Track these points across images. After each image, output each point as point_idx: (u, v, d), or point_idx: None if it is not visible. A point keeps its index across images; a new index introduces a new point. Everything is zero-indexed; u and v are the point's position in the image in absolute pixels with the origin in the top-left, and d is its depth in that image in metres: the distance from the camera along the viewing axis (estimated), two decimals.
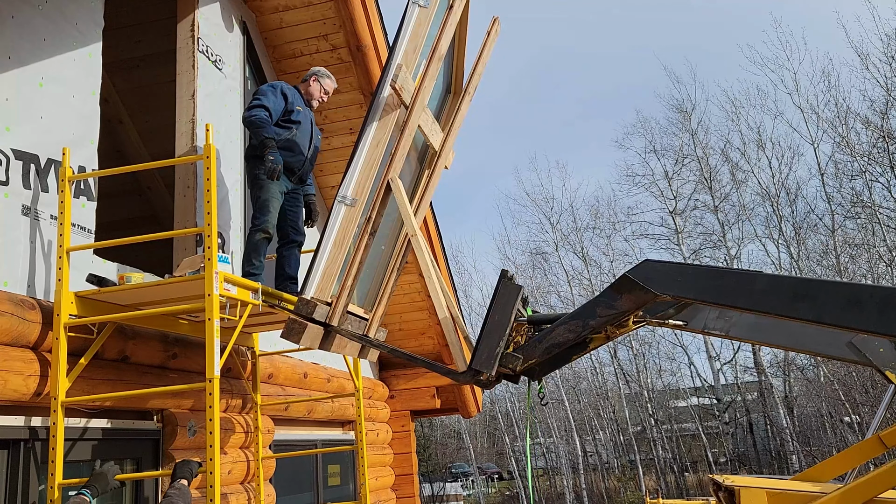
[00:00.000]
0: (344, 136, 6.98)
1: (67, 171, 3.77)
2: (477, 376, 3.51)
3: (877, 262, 20.73)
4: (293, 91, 4.95)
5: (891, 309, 2.84)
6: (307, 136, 4.93)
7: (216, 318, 3.57)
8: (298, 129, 4.84)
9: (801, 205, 24.38)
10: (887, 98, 19.87)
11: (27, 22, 3.84)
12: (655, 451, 26.33)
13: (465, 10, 4.47)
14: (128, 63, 7.05)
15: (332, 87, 5.20)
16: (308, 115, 5.01)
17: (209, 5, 5.41)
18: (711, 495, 5.19)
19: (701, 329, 3.92)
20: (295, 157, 4.83)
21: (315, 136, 5.08)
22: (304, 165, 4.92)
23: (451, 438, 37.00)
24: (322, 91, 5.13)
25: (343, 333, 3.82)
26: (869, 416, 17.23)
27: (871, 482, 3.52)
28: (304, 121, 4.93)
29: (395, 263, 4.31)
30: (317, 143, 5.12)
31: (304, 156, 4.91)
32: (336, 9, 6.16)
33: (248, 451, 5.20)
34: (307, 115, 4.99)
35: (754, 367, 24.37)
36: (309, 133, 4.96)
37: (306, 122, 4.95)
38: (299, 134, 4.85)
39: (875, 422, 4.55)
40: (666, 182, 26.52)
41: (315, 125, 5.14)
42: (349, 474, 7.35)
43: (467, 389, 9.15)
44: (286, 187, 4.84)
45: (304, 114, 4.95)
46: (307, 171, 5.02)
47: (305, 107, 5.00)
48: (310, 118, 5.04)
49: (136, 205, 8.15)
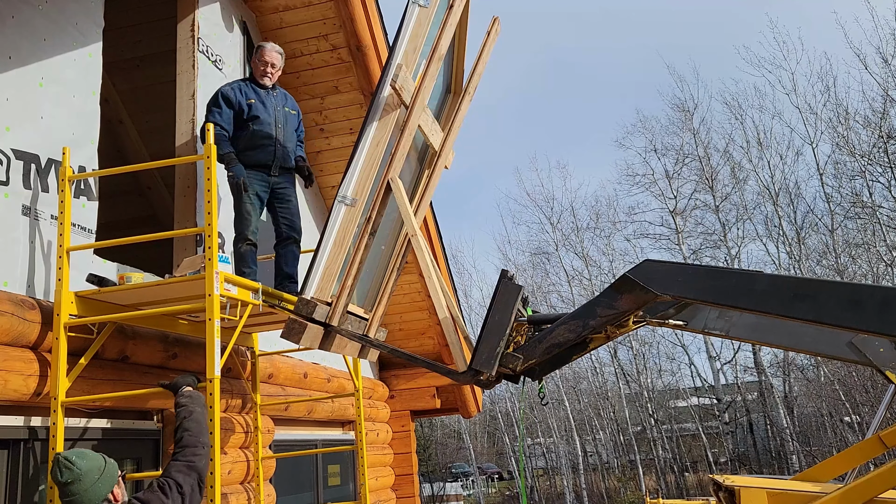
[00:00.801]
0: (344, 135, 6.98)
1: (67, 171, 3.77)
2: (477, 376, 3.51)
3: (877, 262, 20.74)
4: (238, 86, 4.78)
5: (891, 309, 2.84)
6: (271, 118, 4.76)
7: (216, 318, 3.57)
8: (257, 122, 4.68)
9: (801, 205, 24.41)
10: (886, 98, 19.88)
11: (27, 22, 3.84)
12: (655, 451, 26.33)
13: (465, 10, 4.47)
14: (128, 63, 7.05)
15: (270, 56, 4.86)
16: (268, 97, 4.82)
17: (209, 5, 5.41)
18: (711, 495, 5.19)
19: (701, 329, 3.92)
20: (264, 151, 4.70)
21: (285, 110, 4.87)
22: (276, 153, 4.74)
23: (451, 438, 37.00)
24: (262, 64, 4.83)
25: (343, 333, 3.81)
26: (869, 416, 17.22)
27: (871, 482, 3.52)
28: (264, 106, 4.76)
29: (395, 263, 4.30)
30: (289, 117, 4.89)
31: (274, 140, 4.72)
32: (336, 9, 6.16)
33: (248, 451, 5.20)
34: (268, 98, 4.81)
35: (754, 367, 24.38)
36: (273, 114, 4.78)
37: (268, 106, 4.78)
38: (261, 124, 4.70)
39: (875, 422, 4.55)
40: (666, 181, 26.53)
41: (287, 97, 4.98)
42: (349, 474, 7.35)
43: (467, 389, 9.15)
44: (266, 186, 4.73)
45: (263, 99, 4.78)
46: (286, 153, 4.81)
47: (261, 89, 4.82)
48: (272, 97, 4.84)
49: (137, 205, 8.15)
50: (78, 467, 2.87)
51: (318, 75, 6.60)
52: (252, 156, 4.65)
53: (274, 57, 4.88)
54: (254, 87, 4.84)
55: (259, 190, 4.69)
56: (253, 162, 4.67)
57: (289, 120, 4.91)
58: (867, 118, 20.72)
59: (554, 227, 29.67)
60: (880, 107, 20.04)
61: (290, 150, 4.86)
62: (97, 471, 2.93)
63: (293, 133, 4.94)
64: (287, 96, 5.05)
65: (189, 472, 3.07)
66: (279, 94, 4.95)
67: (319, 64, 6.53)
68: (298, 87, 6.63)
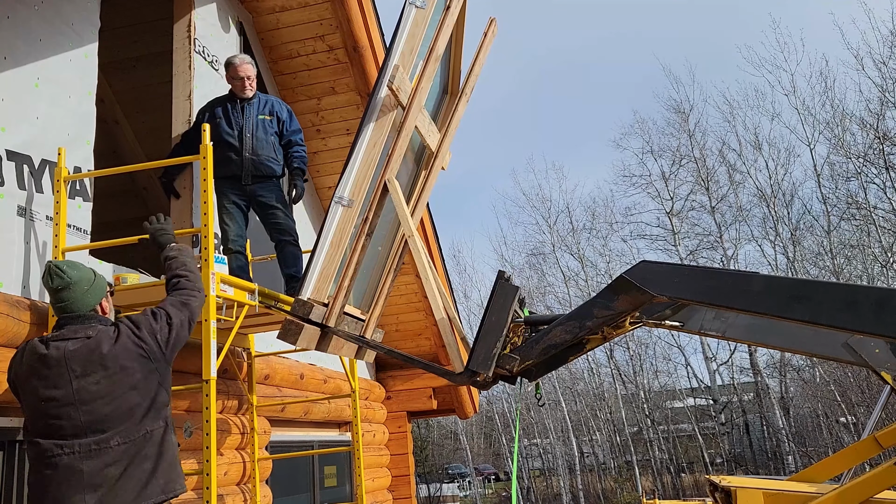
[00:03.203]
0: (341, 136, 6.98)
1: (63, 172, 3.76)
2: (474, 377, 3.51)
3: (872, 263, 20.80)
4: (209, 106, 4.85)
5: (886, 310, 2.84)
6: (235, 131, 4.75)
7: (213, 319, 3.57)
8: (220, 138, 4.68)
9: (797, 206, 24.46)
10: (883, 99, 19.94)
11: (23, 22, 3.83)
12: (652, 451, 26.36)
13: (462, 12, 4.47)
14: (124, 63, 7.04)
15: (244, 70, 4.83)
16: (236, 109, 4.81)
17: (206, 6, 5.40)
18: (708, 496, 5.19)
19: (697, 330, 3.92)
20: (231, 164, 4.70)
21: (259, 118, 4.83)
22: (244, 163, 4.72)
23: (448, 439, 36.99)
24: (239, 80, 4.82)
25: (340, 334, 3.81)
26: (865, 417, 17.27)
27: (866, 483, 3.53)
28: (227, 121, 4.76)
29: (392, 264, 4.30)
30: (262, 124, 4.83)
31: (241, 153, 4.71)
32: (333, 10, 6.16)
33: (245, 453, 5.19)
34: (235, 110, 4.80)
35: (750, 368, 24.40)
36: (238, 126, 4.76)
37: (234, 120, 4.77)
38: (227, 141, 4.71)
39: (871, 422, 4.56)
40: (663, 183, 26.56)
41: (268, 103, 4.93)
42: (346, 475, 7.34)
43: (464, 390, 9.15)
44: (241, 195, 4.75)
45: (229, 113, 4.79)
46: (257, 161, 4.75)
47: (237, 101, 4.82)
48: (248, 107, 4.82)
49: (132, 205, 8.13)
50: (68, 276, 2.97)
51: (315, 76, 6.59)
52: (221, 170, 4.61)
53: (248, 69, 4.85)
54: (228, 101, 4.84)
55: (235, 199, 4.73)
56: (223, 175, 4.67)
57: (261, 127, 4.83)
58: (863, 120, 20.79)
59: (551, 227, 29.71)
60: (877, 108, 20.10)
61: (263, 157, 4.79)
62: (87, 281, 3.02)
63: (268, 139, 4.83)
64: (268, 101, 4.96)
65: (182, 308, 3.13)
66: (256, 102, 4.89)
67: (316, 65, 6.52)
68: (295, 88, 6.63)
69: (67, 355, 2.82)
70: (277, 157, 4.89)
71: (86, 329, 2.91)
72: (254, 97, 4.89)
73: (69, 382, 2.78)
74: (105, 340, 2.87)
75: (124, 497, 2.72)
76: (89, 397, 2.78)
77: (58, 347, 2.84)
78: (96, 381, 2.80)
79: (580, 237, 29.13)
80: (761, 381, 23.88)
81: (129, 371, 2.85)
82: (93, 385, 2.79)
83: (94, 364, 2.82)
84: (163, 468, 2.85)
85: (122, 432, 2.78)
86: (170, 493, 2.84)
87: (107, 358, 2.83)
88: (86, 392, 2.78)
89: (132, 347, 2.89)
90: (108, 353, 2.84)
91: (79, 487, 2.69)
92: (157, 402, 2.92)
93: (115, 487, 2.72)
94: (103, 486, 2.71)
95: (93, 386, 2.79)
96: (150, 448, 2.84)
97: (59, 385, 2.79)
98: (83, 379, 2.79)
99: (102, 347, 2.85)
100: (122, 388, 2.83)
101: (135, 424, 2.82)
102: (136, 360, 2.89)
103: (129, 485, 2.75)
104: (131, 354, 2.88)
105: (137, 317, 3.01)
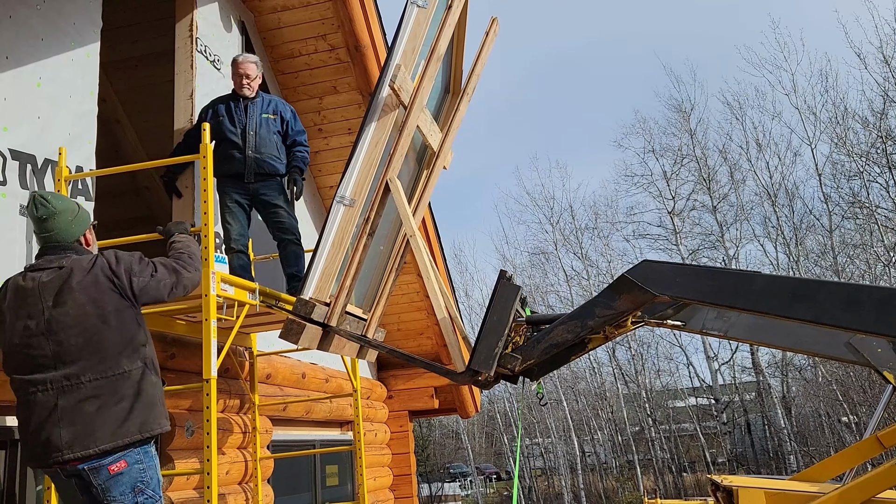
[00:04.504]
0: (342, 136, 6.97)
1: (64, 171, 3.76)
2: (475, 376, 3.51)
3: (875, 263, 20.76)
4: (212, 105, 4.86)
5: (889, 309, 2.84)
6: (237, 129, 4.76)
7: (213, 318, 3.57)
8: (222, 136, 4.71)
9: (799, 205, 24.43)
10: (885, 98, 19.91)
11: (25, 22, 3.83)
12: (653, 451, 26.35)
13: (464, 11, 4.47)
14: (126, 63, 7.04)
15: (244, 67, 4.83)
16: (239, 108, 4.82)
17: (208, 5, 5.40)
18: (709, 495, 5.19)
19: (699, 329, 3.91)
20: (233, 162, 4.71)
21: (262, 117, 4.84)
22: (246, 161, 4.72)
23: (450, 439, 36.99)
24: (238, 77, 4.85)
25: (341, 334, 3.81)
26: (867, 417, 17.25)
27: (868, 482, 3.52)
28: (230, 119, 4.78)
29: (394, 264, 4.30)
30: (266, 122, 4.84)
31: (244, 151, 4.72)
32: (334, 9, 6.15)
33: (246, 452, 5.20)
34: (238, 109, 4.82)
35: (752, 368, 24.39)
36: (241, 125, 4.78)
37: (236, 118, 4.79)
38: (226, 137, 4.72)
39: (873, 422, 4.55)
40: (664, 182, 26.54)
41: (271, 102, 4.95)
42: (347, 475, 7.35)
43: (465, 390, 9.15)
44: (244, 194, 4.76)
45: (232, 111, 4.80)
46: (260, 159, 4.76)
47: (241, 100, 4.83)
48: (251, 105, 4.84)
49: (134, 205, 8.14)
50: (53, 205, 3.00)
51: (317, 75, 6.59)
52: (223, 168, 4.66)
53: (248, 67, 4.85)
54: (231, 100, 4.86)
55: (238, 197, 4.75)
56: (226, 173, 4.70)
57: (264, 125, 4.84)
58: (865, 119, 20.76)
59: (553, 226, 29.70)
60: (879, 107, 20.07)
61: (266, 155, 4.79)
62: (71, 212, 3.05)
63: (271, 138, 4.85)
64: (272, 101, 4.98)
65: (171, 272, 3.14)
66: (259, 102, 4.90)
67: (318, 64, 6.52)
68: (296, 88, 6.63)
69: (41, 286, 2.86)
70: (280, 155, 4.89)
71: (60, 259, 2.94)
72: (257, 96, 4.90)
73: (41, 312, 2.82)
74: (77, 271, 2.90)
75: (100, 433, 2.74)
76: (59, 327, 2.80)
77: (33, 278, 2.89)
78: (66, 311, 2.82)
79: (582, 236, 29.15)
80: (763, 380, 23.86)
81: (98, 303, 2.86)
82: (63, 315, 2.82)
83: (63, 293, 2.84)
84: (139, 408, 2.84)
85: (93, 368, 2.80)
86: (146, 432, 2.84)
87: (76, 289, 2.85)
88: (55, 322, 2.81)
89: (103, 280, 2.90)
90: (78, 284, 2.86)
91: (55, 422, 2.72)
92: (133, 341, 2.93)
93: (90, 424, 2.74)
94: (77, 422, 2.73)
95: (63, 316, 2.82)
96: (127, 388, 2.84)
97: (33, 315, 2.83)
98: (54, 309, 2.82)
99: (74, 278, 2.87)
100: (91, 320, 2.84)
101: (108, 361, 2.83)
102: (106, 292, 2.90)
103: (105, 422, 2.76)
104: (102, 287, 2.89)
105: (122, 254, 3.02)
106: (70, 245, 3.00)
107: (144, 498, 2.82)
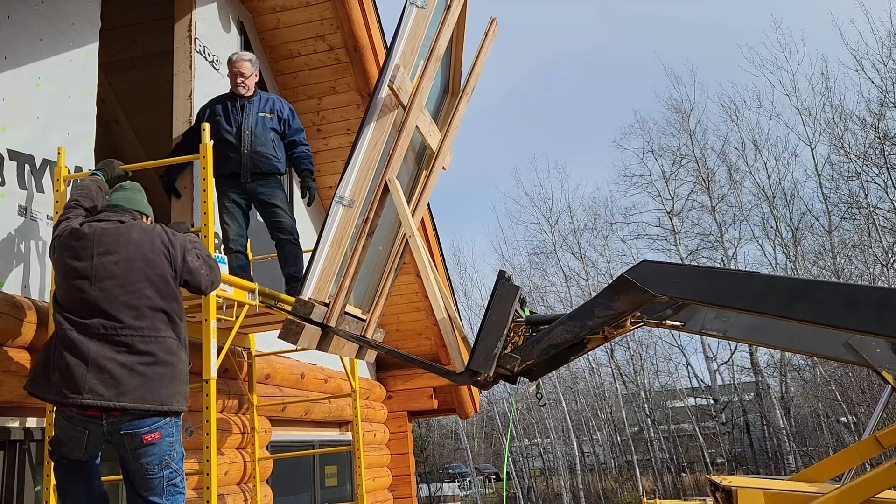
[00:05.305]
0: (341, 136, 6.97)
1: (63, 171, 3.76)
2: (474, 377, 3.51)
3: (873, 263, 20.77)
4: (210, 104, 4.85)
5: (887, 310, 2.84)
6: (233, 128, 4.74)
7: (213, 318, 3.57)
8: (219, 135, 4.68)
9: (797, 206, 24.42)
10: (882, 99, 19.92)
11: (23, 22, 3.83)
12: (652, 451, 26.34)
13: (463, 11, 4.47)
14: (125, 63, 7.03)
15: (239, 66, 4.81)
16: (235, 107, 4.80)
17: (207, 5, 5.40)
18: (709, 496, 5.19)
19: (698, 330, 3.91)
20: (229, 161, 4.69)
21: (259, 115, 4.82)
22: (242, 160, 4.70)
23: (449, 439, 36.97)
24: (233, 75, 4.83)
25: (341, 334, 3.80)
26: (865, 417, 17.25)
27: (867, 482, 3.52)
28: (227, 118, 4.76)
29: (393, 264, 4.30)
30: (262, 121, 4.82)
31: (240, 150, 4.70)
32: (333, 9, 6.15)
33: (245, 452, 5.19)
34: (235, 108, 4.80)
35: (751, 368, 24.37)
36: (237, 124, 4.76)
37: (233, 117, 4.77)
38: (226, 138, 4.71)
39: (872, 422, 4.55)
40: (663, 182, 26.53)
41: (269, 101, 4.93)
42: (346, 475, 7.34)
43: (465, 390, 9.15)
44: (241, 193, 4.75)
45: (228, 111, 4.79)
46: (257, 158, 4.74)
47: (238, 99, 4.82)
48: (248, 104, 4.82)
49: None
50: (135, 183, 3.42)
51: (316, 76, 6.59)
52: (220, 168, 4.63)
53: (242, 66, 4.82)
54: (228, 99, 4.84)
55: (235, 198, 4.74)
56: (223, 172, 4.68)
57: (260, 123, 4.81)
58: (863, 120, 20.77)
59: (552, 227, 29.68)
60: (877, 108, 20.09)
61: (263, 153, 4.77)
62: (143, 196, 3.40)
63: (268, 136, 4.81)
64: (269, 99, 4.96)
65: (211, 267, 3.34)
66: (256, 100, 4.87)
67: (317, 64, 6.52)
68: (296, 88, 6.63)
69: (98, 232, 2.99)
70: (278, 154, 4.86)
71: (121, 215, 3.11)
72: (254, 95, 4.88)
73: (91, 256, 2.92)
74: (137, 229, 3.05)
75: (125, 389, 2.78)
76: (105, 275, 2.89)
77: (90, 226, 3.01)
78: (115, 260, 2.92)
79: (581, 237, 29.13)
80: (762, 380, 23.86)
81: (148, 262, 2.97)
82: (111, 264, 2.91)
83: (117, 244, 2.96)
84: (168, 378, 2.91)
85: (131, 326, 2.86)
86: (166, 406, 2.89)
87: (132, 242, 2.98)
88: (102, 269, 2.90)
89: (159, 244, 3.04)
90: (135, 239, 3.00)
91: (84, 365, 2.77)
92: (170, 311, 3.01)
93: (118, 378, 2.78)
94: (106, 371, 2.77)
95: (111, 265, 2.91)
96: (161, 353, 2.91)
97: (82, 257, 2.92)
98: (104, 256, 2.92)
99: (132, 232, 3.02)
100: (137, 276, 2.93)
101: (145, 320, 2.89)
102: (159, 256, 3.02)
103: (132, 381, 2.80)
104: (156, 250, 3.02)
105: (181, 234, 3.18)
106: (132, 211, 3.18)
107: (170, 472, 2.89)
